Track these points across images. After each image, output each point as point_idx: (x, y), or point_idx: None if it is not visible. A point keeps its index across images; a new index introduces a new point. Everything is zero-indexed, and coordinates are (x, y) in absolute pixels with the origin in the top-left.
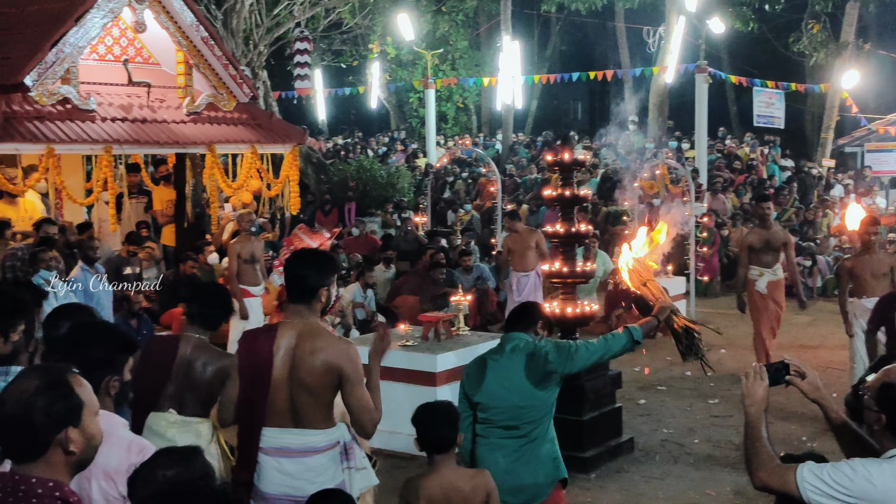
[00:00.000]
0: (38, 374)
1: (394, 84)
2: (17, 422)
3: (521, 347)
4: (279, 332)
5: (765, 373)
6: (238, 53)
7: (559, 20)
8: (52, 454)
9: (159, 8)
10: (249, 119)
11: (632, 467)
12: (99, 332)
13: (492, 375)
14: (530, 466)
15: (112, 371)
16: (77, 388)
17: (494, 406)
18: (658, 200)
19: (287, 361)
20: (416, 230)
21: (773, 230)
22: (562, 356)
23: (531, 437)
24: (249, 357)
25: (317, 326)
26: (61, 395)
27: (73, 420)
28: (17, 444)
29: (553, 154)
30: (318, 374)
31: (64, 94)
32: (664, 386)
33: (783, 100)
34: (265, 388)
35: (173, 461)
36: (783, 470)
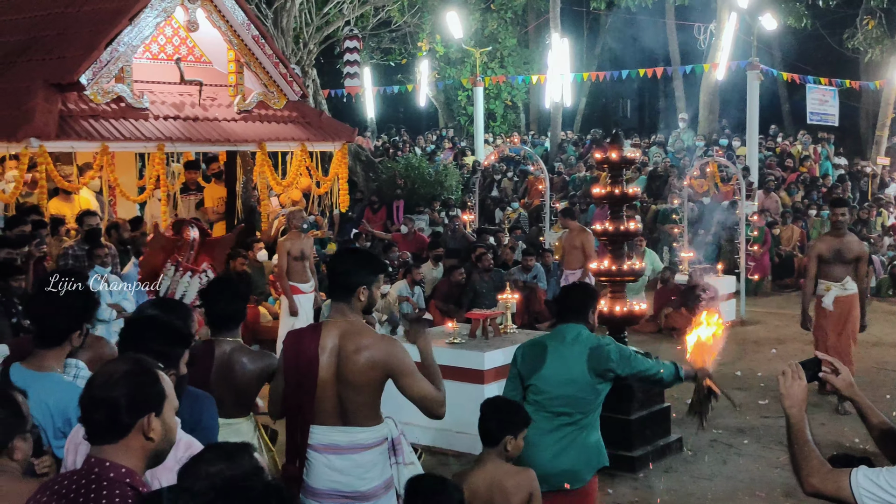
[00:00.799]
0: (127, 360)
1: (442, 82)
2: (104, 402)
3: (584, 339)
4: (324, 332)
5: (802, 371)
6: (288, 52)
7: (608, 17)
8: (132, 438)
9: (211, 7)
10: (299, 117)
11: (680, 467)
12: (155, 325)
13: (551, 362)
14: (574, 453)
15: (168, 364)
16: (162, 379)
17: (549, 391)
18: (708, 199)
19: (332, 360)
20: (463, 228)
21: (846, 239)
22: (623, 358)
23: (580, 424)
24: (296, 357)
25: (360, 325)
26: (148, 381)
27: (155, 407)
28: (101, 424)
29: (602, 152)
30: (363, 372)
31: (118, 93)
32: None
33: (837, 97)
34: (312, 388)
35: (219, 457)
36: (836, 475)
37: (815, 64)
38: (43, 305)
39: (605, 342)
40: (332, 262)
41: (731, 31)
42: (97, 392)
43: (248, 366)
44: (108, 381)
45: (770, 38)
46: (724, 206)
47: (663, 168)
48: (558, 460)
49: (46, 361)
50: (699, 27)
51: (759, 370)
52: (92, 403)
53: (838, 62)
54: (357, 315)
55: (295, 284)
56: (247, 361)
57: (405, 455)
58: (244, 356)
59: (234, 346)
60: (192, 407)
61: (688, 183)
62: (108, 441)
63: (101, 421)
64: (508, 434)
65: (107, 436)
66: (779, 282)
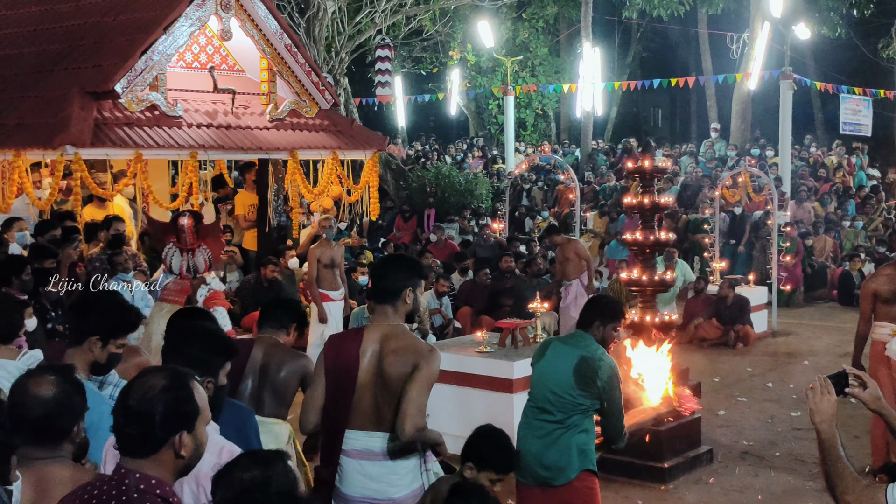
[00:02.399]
0: (164, 374)
1: (473, 91)
2: (139, 416)
3: (581, 346)
4: (366, 335)
5: (830, 385)
6: (320, 61)
7: (640, 27)
8: (164, 454)
9: (245, 16)
10: (331, 125)
11: (711, 478)
12: (198, 333)
13: (546, 359)
14: (556, 450)
15: (207, 373)
16: (196, 394)
17: (538, 386)
18: (739, 209)
19: (373, 364)
20: (493, 236)
21: None
22: (610, 385)
23: (564, 424)
24: (336, 359)
25: (401, 329)
26: (184, 397)
27: (188, 425)
28: (134, 438)
29: (633, 161)
30: (400, 375)
31: (152, 101)
32: (744, 397)
33: (871, 107)
34: (350, 391)
35: (253, 464)
36: (872, 492)
37: (848, 73)
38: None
39: (598, 357)
40: (375, 267)
41: (763, 40)
42: (133, 405)
43: (283, 365)
44: (145, 396)
45: (803, 48)
46: (757, 217)
47: (695, 178)
48: (542, 456)
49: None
50: (732, 36)
51: (791, 382)
52: (126, 416)
53: (872, 71)
54: (400, 320)
55: (325, 292)
56: (281, 358)
57: (433, 462)
58: (279, 353)
59: (272, 343)
60: (234, 418)
61: (720, 193)
62: (140, 455)
63: (135, 435)
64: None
65: (139, 449)
66: (811, 293)
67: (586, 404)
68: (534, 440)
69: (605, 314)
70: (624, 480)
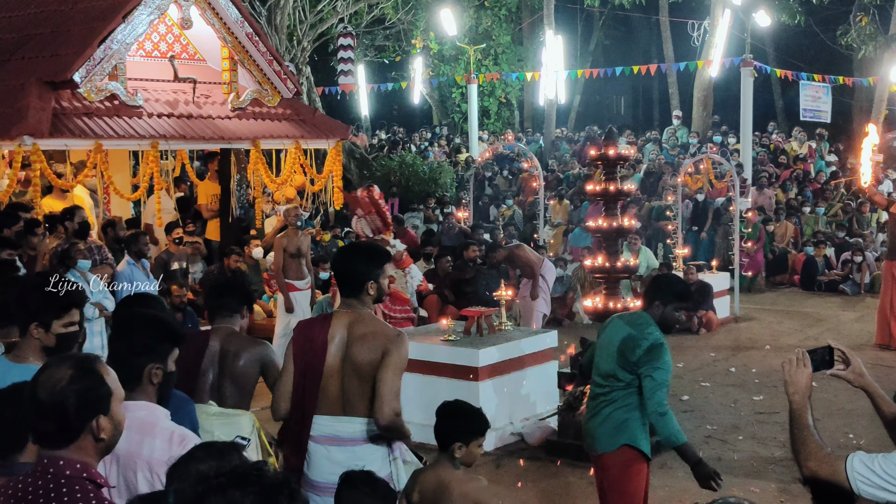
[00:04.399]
0: (68, 363)
1: (436, 79)
2: (52, 410)
3: (635, 325)
4: (333, 321)
5: (808, 359)
6: (282, 49)
7: (602, 14)
8: (83, 440)
9: (205, 5)
10: (293, 114)
11: (675, 463)
12: (144, 320)
13: (605, 335)
14: (598, 420)
15: (155, 359)
16: (106, 376)
17: (595, 360)
18: (702, 195)
19: (341, 349)
20: (458, 225)
21: None
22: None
23: (609, 397)
24: (304, 345)
25: (369, 315)
26: (93, 384)
27: (103, 408)
28: (50, 431)
29: (597, 149)
30: (367, 359)
31: (111, 91)
32: (708, 382)
33: (830, 93)
34: (318, 376)
35: (209, 455)
36: (832, 459)
37: (808, 60)
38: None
39: (643, 337)
40: (337, 260)
41: (724, 27)
42: (44, 399)
43: (241, 353)
44: (55, 389)
45: (764, 35)
46: (719, 203)
47: (657, 165)
48: (589, 423)
49: (22, 352)
50: (693, 24)
51: (754, 367)
52: (39, 411)
53: (831, 59)
54: (367, 308)
55: (291, 282)
56: (238, 347)
57: (403, 452)
58: (236, 342)
59: (228, 332)
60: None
61: (682, 180)
62: (59, 446)
63: (51, 428)
64: (457, 441)
65: (57, 441)
66: (772, 278)
67: (626, 380)
68: (589, 409)
69: (667, 294)
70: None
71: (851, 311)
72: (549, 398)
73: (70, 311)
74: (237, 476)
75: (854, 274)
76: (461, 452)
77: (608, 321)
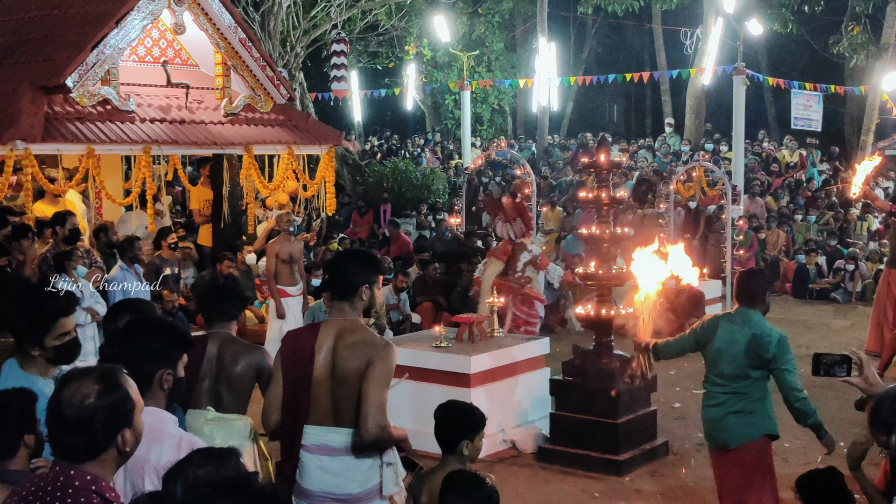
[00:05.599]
0: (93, 377)
1: (429, 86)
2: (79, 426)
3: (752, 324)
4: (321, 330)
5: None
6: (275, 55)
7: (595, 22)
8: (107, 454)
9: (198, 10)
10: (286, 120)
11: (666, 471)
12: (155, 326)
13: (720, 337)
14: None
15: (167, 365)
16: (130, 389)
17: (714, 363)
18: (694, 203)
19: (328, 359)
20: (452, 232)
21: None
22: (780, 352)
23: (739, 394)
24: (292, 355)
25: (358, 324)
26: (120, 398)
27: (129, 422)
28: (77, 447)
29: (589, 156)
30: (355, 370)
31: (104, 96)
32: (700, 389)
33: (821, 102)
34: (307, 386)
35: (206, 460)
36: None
37: (800, 69)
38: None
39: (768, 334)
40: (333, 263)
41: (717, 36)
42: (71, 416)
43: (239, 357)
44: (82, 405)
45: (756, 44)
46: (711, 211)
47: (649, 173)
48: (721, 422)
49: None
50: (686, 32)
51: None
52: (65, 429)
53: (823, 68)
54: (358, 315)
55: (283, 287)
56: (235, 352)
57: (391, 455)
58: (233, 347)
59: (225, 337)
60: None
61: (674, 188)
62: (83, 461)
63: (77, 444)
64: (464, 439)
65: (81, 456)
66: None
67: (756, 376)
68: (712, 409)
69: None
70: (581, 473)
71: (843, 319)
72: (540, 405)
73: (56, 322)
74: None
75: (846, 282)
76: (469, 449)
77: (712, 324)
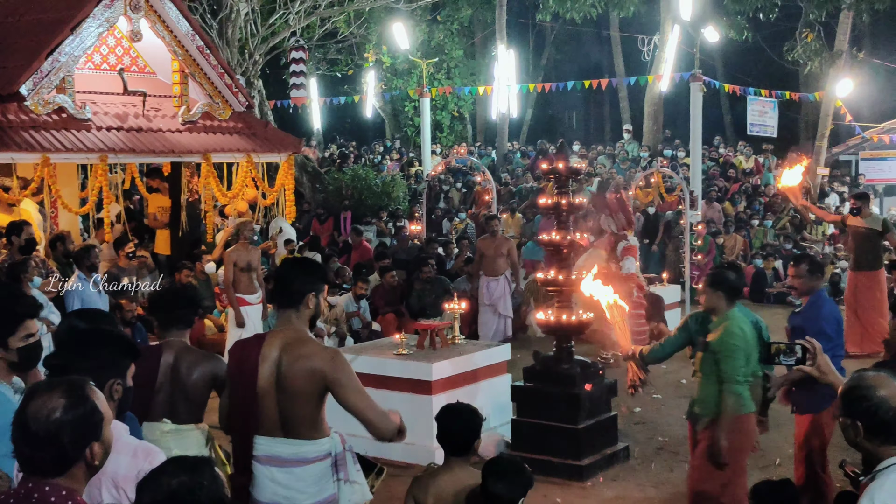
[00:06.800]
0: (60, 390)
1: (389, 93)
2: (47, 441)
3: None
4: (266, 341)
5: None
6: (233, 62)
7: (554, 29)
8: (76, 468)
9: (155, 17)
10: (245, 128)
11: (628, 475)
12: (104, 335)
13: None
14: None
15: (116, 374)
16: (97, 401)
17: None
18: (653, 209)
19: (272, 370)
20: (413, 239)
21: None
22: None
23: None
24: (238, 366)
25: (304, 334)
26: (87, 411)
27: (97, 435)
28: (45, 462)
29: (548, 162)
30: (302, 382)
31: (59, 104)
32: (660, 394)
33: (777, 108)
34: (252, 397)
35: (180, 469)
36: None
37: (755, 76)
38: None
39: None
40: (279, 271)
41: (674, 43)
42: (38, 431)
43: (194, 367)
44: (49, 419)
45: (712, 51)
46: (670, 216)
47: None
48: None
49: None
50: (643, 39)
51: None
52: (32, 444)
53: (778, 74)
54: (304, 324)
55: (242, 296)
56: (191, 361)
57: (349, 473)
58: (189, 356)
59: (181, 346)
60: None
61: (633, 193)
62: (52, 476)
63: (45, 460)
64: (476, 438)
65: (50, 471)
66: None
67: None
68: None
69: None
70: (543, 478)
71: None
72: (502, 411)
73: (23, 323)
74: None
75: None
76: (480, 443)
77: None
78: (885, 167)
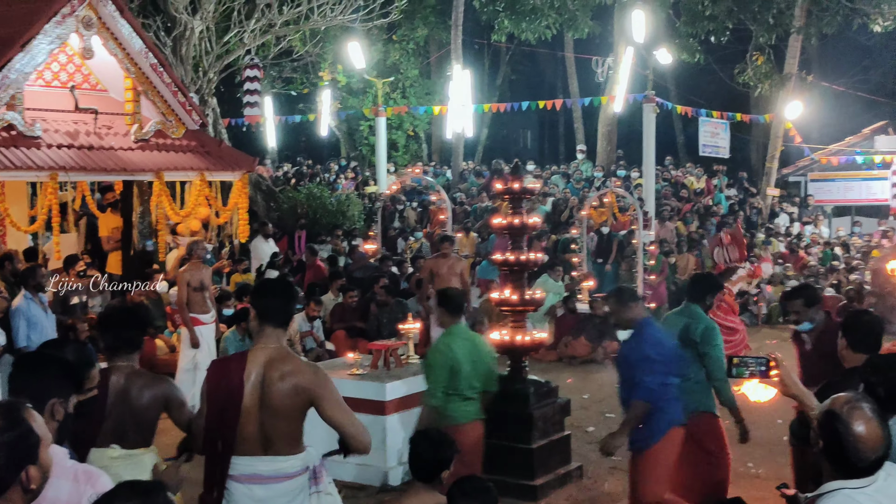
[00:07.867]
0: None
1: (344, 112)
2: None
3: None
4: (250, 359)
5: None
6: (187, 80)
7: (509, 50)
8: (11, 493)
9: (108, 35)
10: (198, 146)
11: (581, 495)
12: (48, 357)
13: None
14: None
15: (57, 395)
16: (33, 423)
17: None
18: (606, 228)
19: (257, 388)
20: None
21: None
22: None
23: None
24: (219, 385)
25: (285, 351)
26: (22, 434)
27: (33, 459)
28: None
29: (503, 182)
30: (287, 399)
31: (8, 121)
32: (613, 413)
33: (728, 130)
34: (235, 416)
35: (134, 494)
36: None
37: (707, 98)
38: None
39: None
40: (269, 292)
41: (627, 64)
42: None
43: (145, 390)
44: None
45: (665, 73)
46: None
47: (563, 198)
48: None
49: None
50: (597, 60)
51: None
52: None
53: (730, 96)
54: (283, 342)
55: (195, 316)
56: (141, 385)
57: (325, 484)
58: (139, 380)
59: (130, 370)
60: None
61: (587, 213)
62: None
63: None
64: (445, 469)
65: None
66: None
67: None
68: None
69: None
70: None
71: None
72: None
73: None
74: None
75: (751, 306)
76: (448, 475)
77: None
78: (833, 188)
